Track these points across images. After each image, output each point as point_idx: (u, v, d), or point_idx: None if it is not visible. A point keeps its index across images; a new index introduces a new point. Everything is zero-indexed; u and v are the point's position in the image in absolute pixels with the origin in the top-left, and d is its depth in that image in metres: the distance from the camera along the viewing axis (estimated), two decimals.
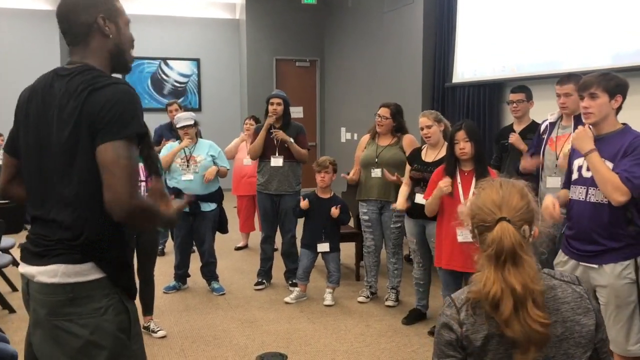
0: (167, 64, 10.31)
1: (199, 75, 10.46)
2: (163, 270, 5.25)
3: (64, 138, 1.68)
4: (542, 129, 3.97)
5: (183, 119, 4.84)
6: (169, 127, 6.18)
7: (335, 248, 4.76)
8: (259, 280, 5.16)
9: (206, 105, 10.48)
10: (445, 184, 3.40)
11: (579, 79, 3.07)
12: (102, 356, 1.70)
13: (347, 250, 5.53)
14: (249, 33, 10.10)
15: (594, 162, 2.67)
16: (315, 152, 10.04)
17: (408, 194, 4.09)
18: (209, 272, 5.04)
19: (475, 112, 6.48)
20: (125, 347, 1.76)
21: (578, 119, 3.71)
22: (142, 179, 3.94)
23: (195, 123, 4.86)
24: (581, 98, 2.81)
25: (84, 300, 1.71)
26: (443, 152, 3.99)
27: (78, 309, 1.70)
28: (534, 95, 4.54)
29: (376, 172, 4.48)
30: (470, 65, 6.68)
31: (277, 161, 4.90)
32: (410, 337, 4.04)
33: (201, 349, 3.87)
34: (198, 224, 4.87)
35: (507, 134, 4.58)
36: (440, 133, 4.05)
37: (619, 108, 2.80)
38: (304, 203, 4.67)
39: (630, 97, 2.84)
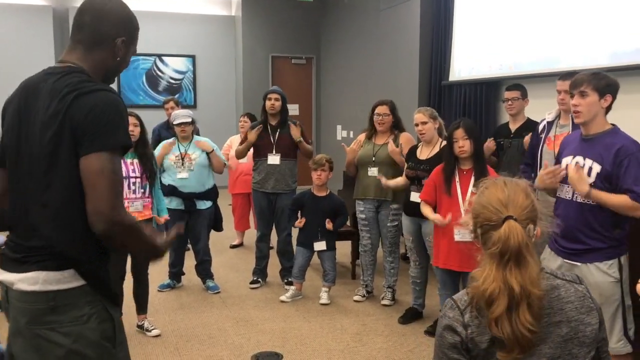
0: (162, 61, 10.24)
1: (195, 72, 10.40)
2: (157, 268, 5.18)
3: (46, 141, 1.63)
4: (540, 128, 3.96)
5: (180, 116, 4.79)
6: (167, 126, 6.13)
7: (331, 247, 4.73)
8: (254, 278, 5.13)
9: (201, 102, 10.42)
10: (439, 220, 3.44)
11: None
12: None
13: (343, 248, 5.50)
14: (245, 30, 10.05)
15: (598, 199, 2.68)
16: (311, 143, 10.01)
17: (403, 186, 4.14)
18: (204, 270, 5.01)
19: (471, 111, 6.46)
20: (110, 356, 1.71)
21: None
22: (137, 175, 3.91)
23: (192, 121, 4.82)
24: (571, 96, 2.81)
25: (66, 308, 1.65)
26: (436, 150, 3.98)
27: (60, 317, 1.65)
28: (531, 93, 4.53)
29: (373, 171, 4.45)
30: (467, 63, 6.66)
31: (274, 159, 4.87)
32: (406, 337, 4.02)
33: (196, 348, 3.83)
34: (193, 222, 4.83)
35: (503, 133, 4.57)
36: (435, 130, 4.04)
37: (609, 108, 2.80)
38: (299, 224, 4.70)
39: (628, 96, 2.83)
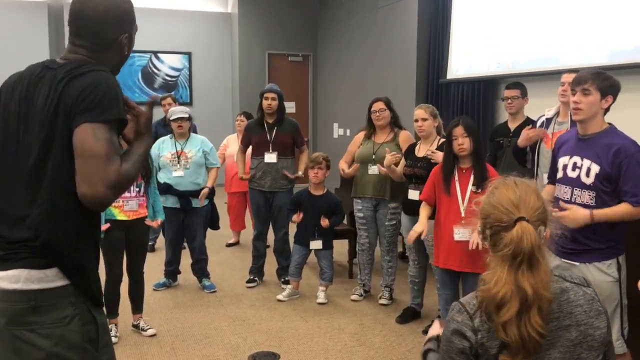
0: (158, 58, 10.18)
1: (190, 69, 10.34)
2: (153, 266, 5.17)
3: (39, 132, 1.58)
4: (538, 125, 3.94)
5: (178, 112, 4.76)
6: (163, 123, 6.08)
7: (328, 245, 4.70)
8: (251, 277, 5.09)
9: (197, 99, 10.36)
10: (416, 231, 3.47)
11: None
12: None
13: (340, 247, 5.48)
14: (241, 27, 10.00)
15: (603, 217, 2.64)
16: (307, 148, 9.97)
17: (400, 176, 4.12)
18: (200, 269, 4.97)
19: (469, 109, 6.44)
20: (93, 359, 1.66)
21: None
22: None
23: (189, 117, 4.78)
24: (573, 93, 2.78)
25: (48, 308, 1.58)
26: (434, 147, 3.95)
27: (41, 318, 1.58)
28: (529, 92, 4.51)
29: (373, 169, 4.42)
30: (464, 61, 6.64)
31: (271, 157, 4.83)
32: (404, 336, 4.00)
33: (192, 348, 3.80)
34: (189, 220, 4.79)
35: (502, 132, 4.55)
36: (433, 128, 4.01)
37: (607, 109, 2.77)
38: (297, 219, 4.64)
39: (627, 95, 2.81)
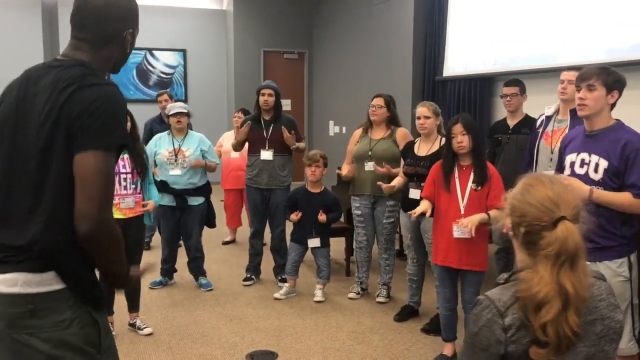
0: (153, 55, 10.12)
1: (185, 66, 10.29)
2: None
3: (42, 135, 1.56)
4: (538, 123, 3.93)
5: (177, 107, 4.72)
6: (159, 120, 6.05)
7: (325, 243, 4.68)
8: (248, 275, 5.06)
9: (193, 96, 10.31)
10: (419, 210, 3.37)
11: None
12: None
13: (337, 245, 5.45)
14: (237, 24, 9.95)
15: (602, 198, 2.61)
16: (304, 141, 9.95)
17: (402, 185, 4.04)
18: (196, 267, 4.94)
19: (465, 107, 6.43)
20: None
21: (575, 114, 3.67)
22: (128, 171, 3.84)
23: (188, 113, 4.74)
24: (578, 89, 2.76)
25: (46, 312, 1.57)
26: (436, 147, 3.93)
27: (39, 322, 1.57)
28: (526, 89, 4.50)
29: (369, 166, 4.40)
30: (461, 58, 6.62)
31: (267, 155, 4.80)
32: (402, 334, 3.98)
33: (189, 347, 3.77)
34: (185, 218, 4.76)
35: (501, 129, 4.54)
36: (435, 126, 3.99)
37: (614, 104, 2.75)
38: (295, 218, 4.60)
39: (624, 92, 2.79)
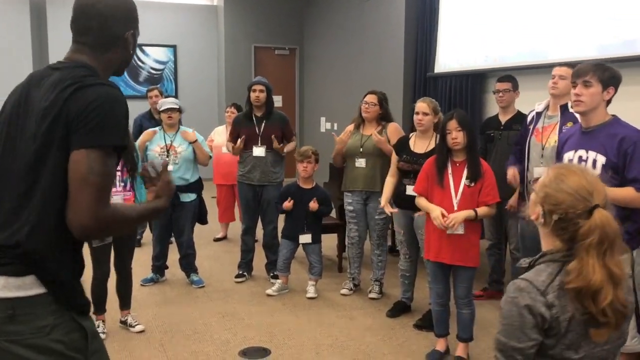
0: (143, 51, 10.05)
1: (176, 62, 10.22)
2: (140, 262, 5.09)
3: (39, 134, 1.53)
4: (529, 120, 3.94)
5: (168, 102, 4.68)
6: (149, 116, 6.01)
7: (317, 239, 4.67)
8: (240, 272, 5.05)
9: (183, 92, 10.25)
10: (438, 217, 3.27)
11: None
12: None
13: (330, 241, 5.45)
14: (227, 20, 9.90)
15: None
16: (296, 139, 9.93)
17: (395, 186, 4.02)
18: (188, 264, 4.92)
19: (457, 103, 6.43)
20: None
21: (565, 110, 3.69)
22: (118, 169, 3.80)
23: (180, 109, 4.71)
24: (574, 85, 2.77)
25: (27, 317, 1.52)
26: (434, 144, 3.91)
27: (20, 328, 1.52)
28: (518, 86, 4.51)
29: (360, 162, 4.39)
30: (452, 55, 6.62)
31: (260, 151, 4.78)
32: (395, 330, 3.98)
33: (181, 344, 3.75)
34: (177, 215, 4.73)
35: (493, 125, 4.56)
36: (432, 124, 3.97)
37: (609, 100, 2.76)
38: (288, 204, 4.56)
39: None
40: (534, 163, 3.71)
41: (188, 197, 4.72)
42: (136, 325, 3.94)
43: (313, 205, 4.51)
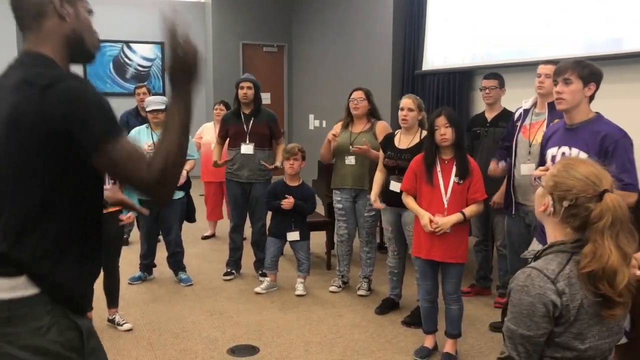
0: (130, 48, 9.99)
1: (163, 59, 10.16)
2: (128, 260, 5.07)
3: (12, 146, 1.47)
4: (516, 117, 3.96)
5: (154, 102, 4.64)
6: (135, 113, 5.97)
7: (304, 236, 4.67)
8: (228, 270, 5.04)
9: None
10: (425, 220, 3.29)
11: None
12: None
13: (318, 239, 5.45)
14: (215, 16, 9.86)
15: None
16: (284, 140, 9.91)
17: (383, 182, 4.03)
18: (176, 262, 4.90)
19: (445, 100, 6.45)
20: None
21: (552, 107, 3.71)
22: None
23: (166, 108, 4.67)
24: (555, 83, 2.80)
25: (23, 318, 1.50)
26: (417, 139, 3.94)
27: (16, 329, 1.49)
28: (504, 83, 4.53)
29: (350, 160, 4.40)
30: (440, 52, 6.64)
31: (248, 149, 4.77)
32: (384, 327, 3.99)
33: (169, 342, 3.74)
34: (165, 213, 4.71)
35: (479, 122, 4.58)
36: (417, 121, 4.00)
37: (592, 97, 2.79)
38: (288, 203, 4.48)
39: (602, 86, 2.83)
40: (521, 160, 3.73)
41: (176, 195, 4.70)
42: (124, 323, 3.92)
43: (286, 203, 4.47)
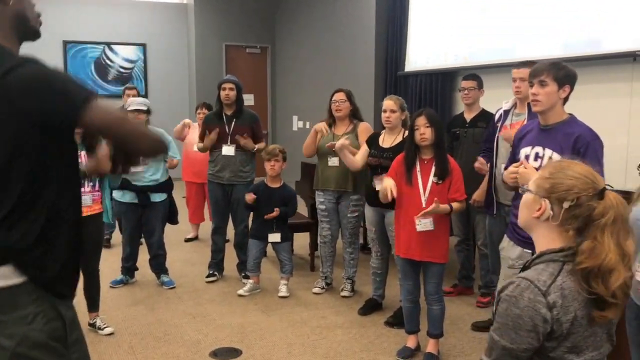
0: (112, 49, 9.92)
1: (145, 60, 10.11)
2: (109, 263, 5.03)
3: None
4: (497, 118, 3.99)
5: (136, 103, 4.59)
6: None
7: (286, 237, 4.66)
8: (210, 272, 5.01)
9: (153, 91, 10.15)
10: (387, 187, 3.29)
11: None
12: None
13: (302, 240, 5.44)
14: (198, 18, 9.82)
15: None
16: (266, 141, 9.84)
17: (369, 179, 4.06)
18: (158, 265, 4.86)
19: (427, 101, 6.50)
20: (60, 357, 1.58)
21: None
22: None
23: (148, 110, 4.62)
24: (531, 85, 2.83)
25: (8, 307, 1.51)
26: (400, 138, 3.96)
27: (2, 317, 1.51)
28: (485, 84, 4.57)
29: (333, 161, 4.40)
30: (422, 53, 6.68)
31: (229, 150, 4.75)
32: (367, 328, 4.00)
33: (151, 346, 3.71)
34: (147, 215, 4.67)
35: (458, 123, 4.61)
36: (400, 121, 4.01)
37: (566, 98, 2.82)
38: (250, 197, 4.51)
39: (581, 87, 2.87)
40: (502, 159, 3.75)
41: (158, 197, 4.67)
42: (105, 327, 3.88)
43: (273, 214, 4.47)
